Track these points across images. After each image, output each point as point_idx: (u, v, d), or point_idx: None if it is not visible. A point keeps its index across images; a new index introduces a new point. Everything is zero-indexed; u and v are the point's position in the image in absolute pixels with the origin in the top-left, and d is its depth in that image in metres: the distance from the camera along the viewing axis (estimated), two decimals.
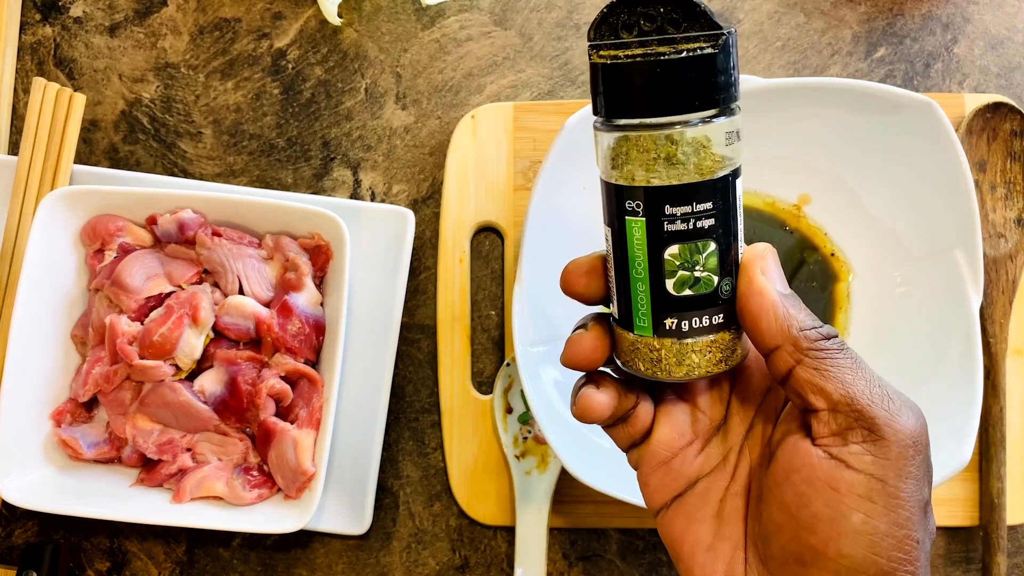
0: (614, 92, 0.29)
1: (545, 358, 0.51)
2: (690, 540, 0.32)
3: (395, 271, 0.55)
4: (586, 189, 0.52)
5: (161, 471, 0.52)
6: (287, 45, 0.59)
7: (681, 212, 0.29)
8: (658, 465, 0.33)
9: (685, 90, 0.28)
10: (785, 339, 0.29)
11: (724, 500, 0.33)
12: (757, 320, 0.29)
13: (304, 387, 0.52)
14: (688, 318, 0.30)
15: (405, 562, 0.56)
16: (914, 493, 0.28)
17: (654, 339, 0.30)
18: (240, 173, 0.59)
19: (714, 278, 0.30)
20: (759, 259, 0.30)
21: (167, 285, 0.53)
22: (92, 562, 0.56)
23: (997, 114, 0.55)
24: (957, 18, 0.59)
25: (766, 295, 0.29)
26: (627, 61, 0.28)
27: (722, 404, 0.33)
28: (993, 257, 0.55)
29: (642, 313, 0.30)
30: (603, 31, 0.29)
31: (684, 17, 0.28)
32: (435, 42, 0.59)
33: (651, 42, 0.28)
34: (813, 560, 0.29)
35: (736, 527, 0.32)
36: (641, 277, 0.30)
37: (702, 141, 0.28)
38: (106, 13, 0.60)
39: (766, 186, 0.55)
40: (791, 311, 0.29)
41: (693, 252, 0.29)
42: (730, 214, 0.29)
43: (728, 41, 0.28)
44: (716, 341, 0.30)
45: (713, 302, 0.30)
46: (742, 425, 0.33)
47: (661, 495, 0.33)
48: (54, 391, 0.53)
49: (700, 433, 0.33)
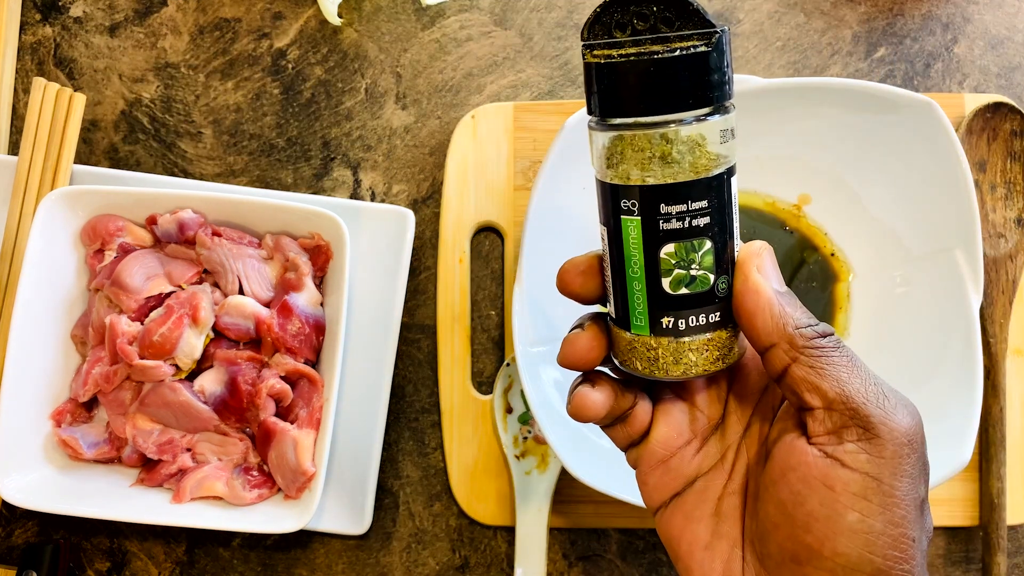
0: (608, 91, 0.29)
1: (545, 358, 0.51)
2: (688, 538, 0.33)
3: (395, 271, 0.55)
4: (586, 189, 0.52)
5: (161, 471, 0.52)
6: (287, 45, 0.59)
7: (676, 211, 0.29)
8: (656, 464, 0.33)
9: (679, 89, 0.28)
10: (781, 337, 0.29)
11: (722, 499, 0.33)
12: (753, 318, 0.29)
13: (304, 387, 0.52)
14: (685, 317, 0.30)
15: (405, 562, 0.56)
16: (909, 491, 0.28)
17: (651, 338, 0.30)
18: (240, 173, 0.59)
19: (710, 276, 0.30)
20: (755, 257, 0.30)
21: (167, 285, 0.53)
22: (92, 562, 0.56)
23: (997, 114, 0.55)
24: (957, 18, 0.59)
25: (762, 293, 0.29)
26: (621, 60, 0.28)
27: (720, 403, 0.34)
28: (993, 257, 0.55)
29: (639, 312, 0.30)
30: (597, 30, 0.29)
31: (677, 16, 0.28)
32: (435, 42, 0.59)
33: (645, 41, 0.28)
34: (809, 559, 0.29)
35: (734, 525, 0.32)
36: (637, 276, 0.30)
37: (696, 139, 0.28)
38: (106, 13, 0.60)
39: (766, 186, 0.55)
40: (787, 309, 0.29)
41: (689, 250, 0.29)
42: (726, 212, 0.29)
43: (722, 39, 0.28)
44: (713, 339, 0.30)
45: (710, 300, 0.30)
46: (739, 424, 0.33)
47: (660, 494, 0.33)
48: (54, 391, 0.53)
49: (698, 432, 0.33)
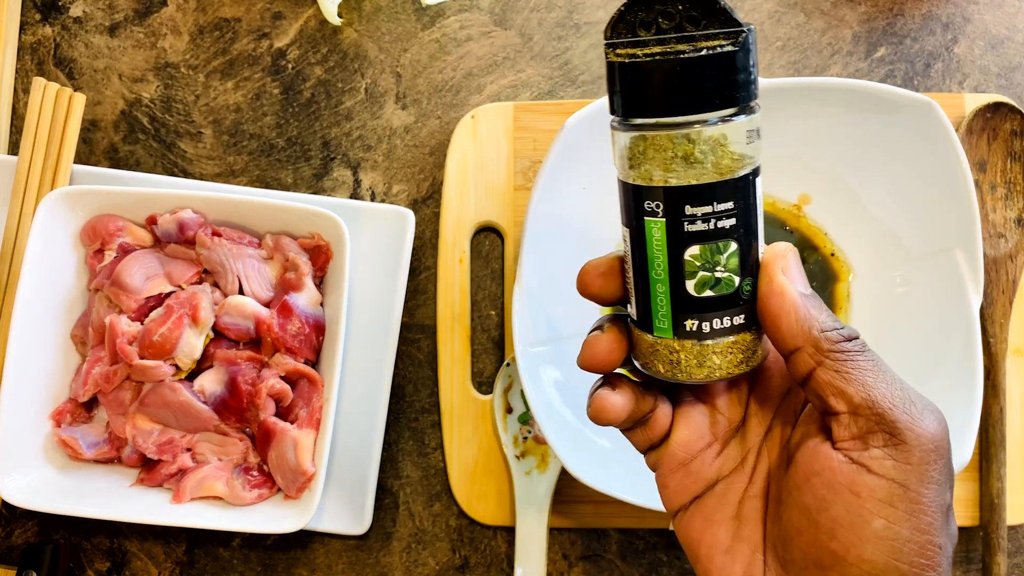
0: (631, 91, 0.28)
1: (545, 358, 0.51)
2: (708, 541, 0.32)
3: (395, 271, 0.55)
4: (586, 189, 0.52)
5: (161, 471, 0.52)
6: (287, 45, 0.59)
7: (701, 212, 0.28)
8: (677, 467, 0.33)
9: (704, 89, 0.27)
10: (806, 340, 0.29)
11: (743, 502, 0.32)
12: (778, 321, 0.29)
13: (304, 387, 0.52)
14: (709, 319, 0.29)
15: (405, 562, 0.56)
16: (936, 498, 0.28)
17: (674, 341, 0.30)
18: (240, 173, 0.59)
19: (735, 278, 0.29)
20: (780, 258, 0.30)
21: (167, 285, 0.53)
22: (92, 562, 0.56)
23: (997, 114, 0.55)
24: (957, 18, 0.59)
25: (787, 295, 0.29)
26: (645, 59, 0.28)
27: (740, 405, 0.33)
28: (993, 257, 0.55)
29: (662, 315, 0.30)
30: (620, 29, 0.28)
31: (703, 14, 0.27)
32: (435, 42, 0.59)
33: (670, 40, 0.27)
34: (833, 565, 0.29)
35: (755, 529, 0.32)
36: (661, 278, 0.29)
37: (720, 140, 0.28)
38: (106, 13, 0.60)
39: (766, 186, 0.55)
40: (812, 312, 0.29)
41: (714, 252, 0.29)
42: (751, 213, 0.29)
43: (748, 39, 0.27)
44: (737, 342, 0.30)
45: (734, 303, 0.30)
46: (760, 426, 0.33)
47: (679, 497, 0.33)
48: (54, 391, 0.53)
49: (718, 435, 0.33)
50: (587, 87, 0.59)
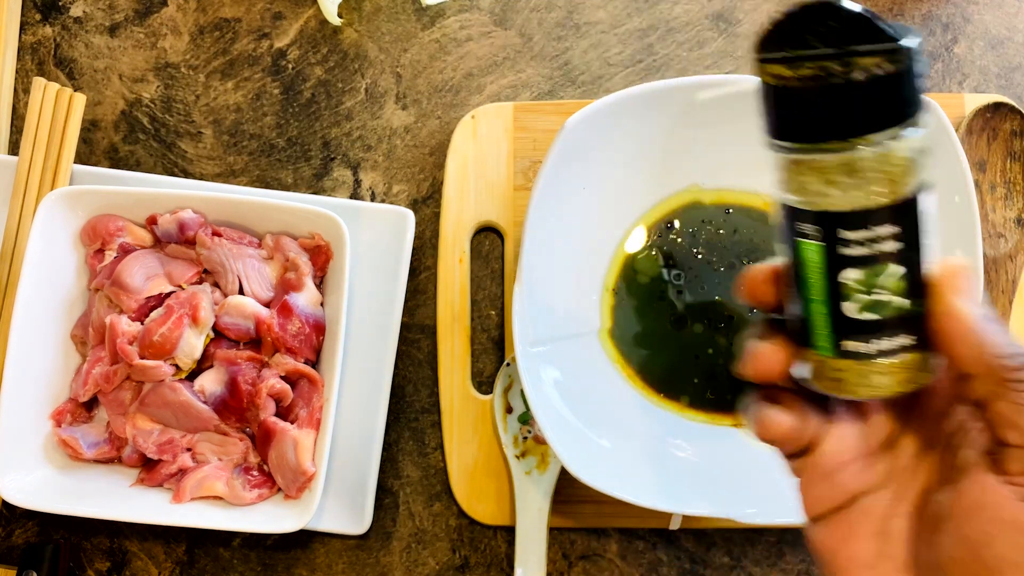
0: (785, 114, 0.27)
1: (545, 358, 0.51)
2: (847, 554, 0.31)
3: (395, 271, 0.55)
4: (586, 189, 0.52)
5: (161, 471, 0.52)
6: (287, 45, 0.59)
7: (859, 236, 0.27)
8: (821, 477, 0.32)
9: (861, 111, 0.26)
10: (982, 367, 0.27)
11: (889, 519, 0.31)
12: (952, 345, 0.28)
13: (304, 387, 0.52)
14: (871, 340, 0.28)
15: (405, 562, 0.56)
16: None
17: (835, 360, 0.29)
18: (240, 173, 0.59)
19: (899, 300, 0.28)
20: (953, 277, 0.28)
21: (167, 285, 0.53)
22: (92, 562, 0.56)
23: (997, 114, 0.55)
24: (957, 18, 0.59)
25: (961, 318, 0.27)
26: (799, 82, 0.26)
27: (895, 421, 0.32)
28: (993, 257, 0.55)
29: (821, 335, 0.29)
30: (771, 46, 0.27)
31: (860, 32, 0.25)
32: (435, 42, 0.59)
33: (826, 60, 0.26)
34: None
35: (901, 549, 0.31)
36: (818, 300, 0.28)
37: (879, 163, 0.26)
38: (106, 13, 0.60)
39: (766, 186, 0.55)
40: (989, 336, 0.27)
41: (873, 275, 0.27)
42: (915, 233, 0.27)
43: (910, 57, 0.26)
44: (904, 362, 0.28)
45: (901, 324, 0.28)
46: (914, 444, 0.31)
47: (820, 506, 0.32)
48: (54, 391, 0.53)
49: (869, 449, 0.32)
50: (587, 87, 0.59)
